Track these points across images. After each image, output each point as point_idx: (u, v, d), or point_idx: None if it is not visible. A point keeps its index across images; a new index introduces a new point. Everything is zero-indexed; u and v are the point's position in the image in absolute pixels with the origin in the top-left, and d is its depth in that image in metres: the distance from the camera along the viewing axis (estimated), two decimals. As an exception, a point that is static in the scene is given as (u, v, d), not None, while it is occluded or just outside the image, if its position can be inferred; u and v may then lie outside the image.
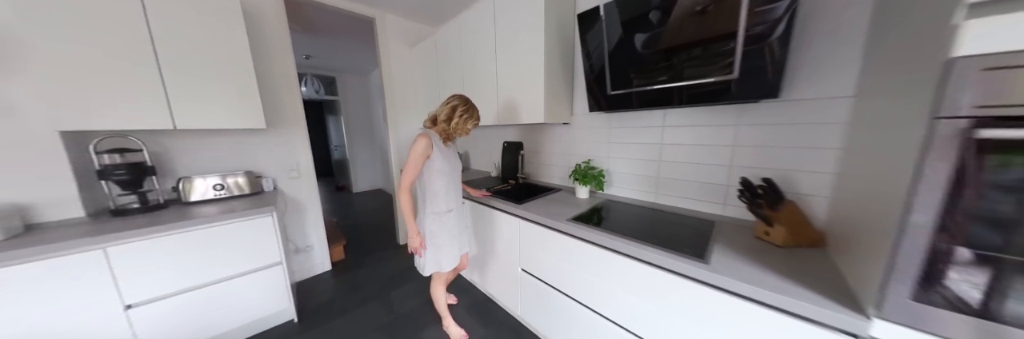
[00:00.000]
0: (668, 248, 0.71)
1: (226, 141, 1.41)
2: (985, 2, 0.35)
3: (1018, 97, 0.34)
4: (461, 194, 1.14)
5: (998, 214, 0.37)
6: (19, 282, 0.80)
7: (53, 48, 0.90)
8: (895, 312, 0.44)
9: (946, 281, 0.40)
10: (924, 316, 0.42)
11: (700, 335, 0.66)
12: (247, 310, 1.18)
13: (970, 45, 0.36)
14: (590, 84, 1.13)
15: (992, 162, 0.36)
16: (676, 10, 0.81)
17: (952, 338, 0.40)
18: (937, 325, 0.41)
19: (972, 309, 0.39)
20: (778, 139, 0.82)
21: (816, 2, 0.72)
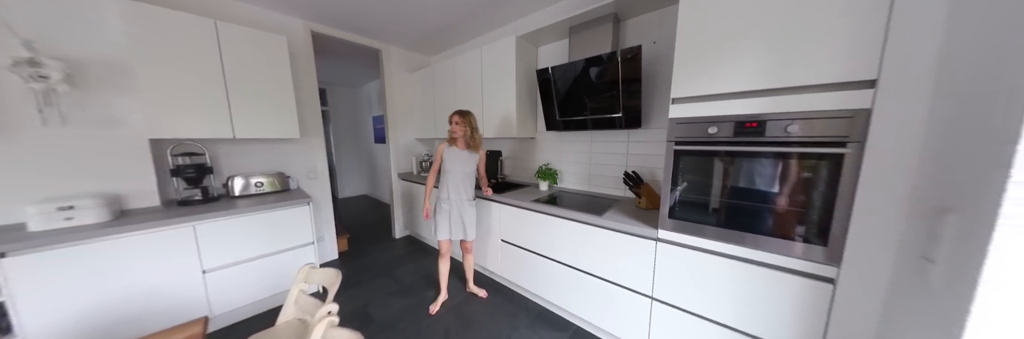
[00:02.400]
0: (587, 212, 1.23)
1: (263, 148, 1.75)
2: (679, 98, 0.93)
3: (688, 135, 0.91)
4: (463, 190, 1.41)
5: (690, 187, 0.94)
6: (130, 248, 1.11)
7: (151, 75, 1.24)
8: (664, 224, 0.99)
9: (676, 212, 0.96)
10: (673, 224, 0.97)
11: (603, 259, 1.18)
12: (286, 280, 1.50)
13: (674, 114, 0.93)
14: (546, 111, 1.69)
15: (681, 161, 0.93)
16: (586, 78, 1.39)
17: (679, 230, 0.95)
18: (677, 226, 0.96)
19: (687, 219, 0.95)
20: (646, 149, 1.42)
21: (652, 82, 1.33)
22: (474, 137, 1.38)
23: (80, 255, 1.01)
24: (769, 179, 0.81)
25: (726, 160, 0.87)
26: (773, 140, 0.78)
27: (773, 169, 0.80)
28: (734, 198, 0.87)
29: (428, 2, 1.65)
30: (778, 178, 0.80)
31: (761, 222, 0.82)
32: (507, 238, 1.60)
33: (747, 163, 0.83)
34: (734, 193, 0.87)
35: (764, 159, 0.80)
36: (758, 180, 0.82)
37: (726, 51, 0.83)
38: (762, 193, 0.82)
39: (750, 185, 0.84)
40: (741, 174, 0.85)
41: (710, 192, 0.91)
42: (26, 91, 1.07)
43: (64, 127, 1.15)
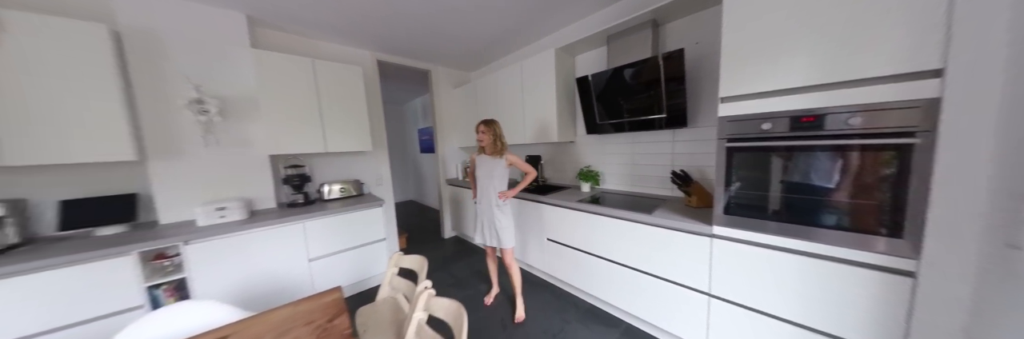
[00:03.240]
0: (635, 211, 1.28)
1: (343, 159, 2.10)
2: (729, 97, 0.97)
3: (740, 132, 0.95)
4: (492, 196, 1.45)
5: (746, 183, 0.96)
6: (260, 240, 1.42)
7: (271, 105, 1.59)
8: (719, 221, 1.00)
9: (731, 209, 0.98)
10: (729, 221, 0.98)
11: (654, 256, 1.21)
12: (368, 269, 1.78)
13: (724, 112, 0.97)
14: (585, 117, 1.78)
15: (735, 158, 0.96)
16: (627, 83, 1.46)
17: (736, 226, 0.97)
18: (733, 222, 0.98)
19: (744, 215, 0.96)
20: (693, 148, 1.43)
21: (696, 82, 1.36)
22: (497, 144, 1.43)
23: (230, 244, 1.34)
24: (833, 172, 0.80)
25: (785, 155, 0.87)
26: (834, 133, 0.78)
27: (837, 162, 0.80)
28: (796, 193, 0.87)
29: (472, 25, 1.86)
30: (843, 171, 0.79)
31: (828, 216, 0.81)
32: (553, 237, 1.69)
33: (808, 157, 0.83)
34: (796, 188, 0.87)
35: (826, 152, 0.81)
36: (821, 174, 0.82)
37: (776, 48, 0.85)
38: (826, 187, 0.81)
39: (813, 179, 0.83)
40: (802, 168, 0.85)
41: (769, 188, 0.92)
42: (194, 123, 1.46)
43: (218, 148, 1.54)
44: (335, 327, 0.68)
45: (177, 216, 1.44)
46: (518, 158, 1.48)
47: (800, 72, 0.82)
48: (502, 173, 1.46)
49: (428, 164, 4.25)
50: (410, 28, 1.86)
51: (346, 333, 0.66)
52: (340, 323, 0.70)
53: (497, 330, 1.39)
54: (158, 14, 1.38)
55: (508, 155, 1.45)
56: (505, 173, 1.47)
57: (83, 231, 1.28)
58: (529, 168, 1.47)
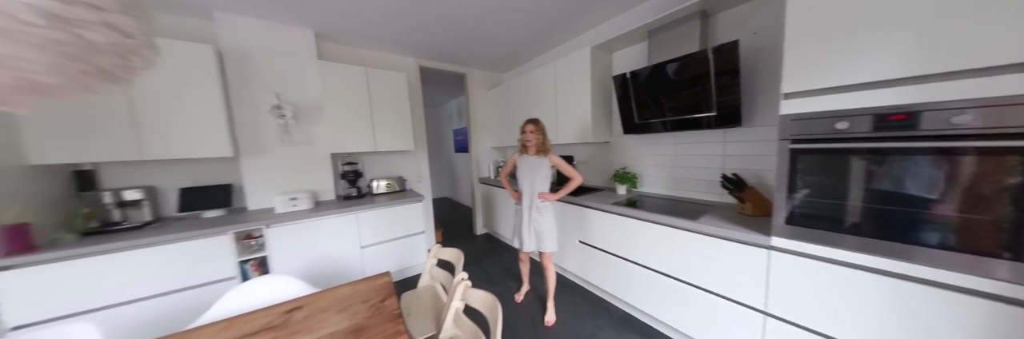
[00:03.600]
0: (677, 216, 1.21)
1: (388, 157, 2.29)
2: (794, 92, 0.87)
3: (808, 132, 0.85)
4: (527, 196, 1.43)
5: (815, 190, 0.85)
6: (326, 227, 1.61)
7: (332, 109, 1.81)
8: (780, 231, 0.90)
9: (796, 218, 0.87)
10: (792, 232, 0.88)
11: (699, 266, 1.13)
12: (408, 258, 1.93)
13: (788, 110, 0.88)
14: (622, 116, 1.72)
15: (801, 161, 0.86)
16: (670, 79, 1.38)
17: (801, 238, 0.86)
18: (798, 234, 0.87)
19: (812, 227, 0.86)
20: (749, 150, 1.29)
21: (753, 77, 1.23)
22: (544, 143, 1.40)
23: (300, 229, 1.55)
24: (935, 180, 0.68)
25: (870, 159, 0.76)
26: (933, 134, 0.66)
27: (940, 168, 0.67)
28: (884, 203, 0.75)
29: (507, 28, 1.89)
30: (949, 179, 0.66)
31: (928, 232, 0.69)
32: (586, 240, 1.66)
33: (902, 162, 0.71)
34: (884, 197, 0.74)
35: (926, 157, 0.68)
36: (919, 182, 0.70)
37: (855, 33, 0.75)
38: (925, 197, 0.69)
39: (907, 188, 0.71)
40: (894, 175, 0.73)
41: (846, 196, 0.80)
42: (274, 125, 1.72)
43: (291, 147, 1.79)
44: (386, 307, 0.76)
45: (260, 204, 1.71)
46: (562, 160, 1.42)
47: (887, 62, 0.71)
48: (546, 174, 1.42)
49: (462, 163, 4.43)
50: (450, 35, 1.96)
51: (395, 313, 0.73)
52: (390, 304, 0.78)
53: (527, 329, 1.41)
54: (249, 34, 1.65)
55: (552, 156, 1.40)
56: (549, 174, 1.43)
57: (194, 213, 1.58)
58: (574, 173, 1.40)
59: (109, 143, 1.28)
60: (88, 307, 1.10)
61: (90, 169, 1.40)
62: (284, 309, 0.76)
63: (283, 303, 0.80)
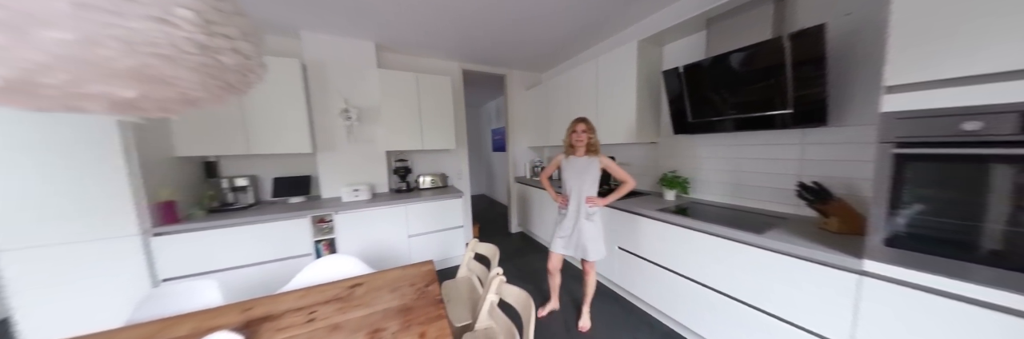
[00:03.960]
0: (739, 228, 1.06)
1: (432, 155, 2.47)
2: (901, 85, 0.71)
3: (920, 134, 0.68)
4: (575, 201, 1.33)
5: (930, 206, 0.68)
6: (381, 217, 1.81)
7: (388, 111, 2.01)
8: (875, 254, 0.74)
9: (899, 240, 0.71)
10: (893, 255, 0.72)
11: (765, 287, 0.99)
12: (448, 250, 2.07)
13: (892, 106, 0.71)
14: (673, 115, 1.57)
15: (908, 169, 0.69)
16: (734, 72, 1.22)
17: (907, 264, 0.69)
18: (902, 259, 0.71)
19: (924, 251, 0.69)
20: (836, 153, 1.08)
21: (846, 66, 1.02)
22: (594, 143, 1.31)
23: (361, 216, 1.77)
24: None
25: (1016, 168, 0.58)
26: None
27: None
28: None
29: (549, 27, 1.86)
30: None
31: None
32: (626, 246, 1.57)
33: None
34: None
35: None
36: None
37: (991, 10, 0.58)
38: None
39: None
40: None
41: (975, 214, 0.63)
42: (342, 126, 1.98)
43: (355, 145, 2.04)
44: (430, 292, 0.84)
45: (331, 193, 1.99)
46: (613, 162, 1.33)
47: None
48: (595, 177, 1.33)
49: (499, 162, 4.53)
50: (492, 38, 2.02)
51: (437, 298, 0.80)
52: (433, 289, 0.85)
53: (560, 331, 1.39)
54: (325, 49, 1.92)
55: (602, 157, 1.32)
56: (598, 177, 1.34)
57: (283, 199, 1.91)
58: (627, 176, 1.31)
59: (227, 140, 1.62)
60: (210, 269, 1.42)
61: (214, 160, 1.79)
62: (348, 284, 0.89)
63: (347, 279, 0.93)
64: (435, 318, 0.71)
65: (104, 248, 1.23)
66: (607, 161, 1.33)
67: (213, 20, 0.51)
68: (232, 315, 0.75)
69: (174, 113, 0.57)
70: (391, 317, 0.72)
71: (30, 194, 1.12)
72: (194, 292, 0.91)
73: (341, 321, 0.71)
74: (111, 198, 1.23)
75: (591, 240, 1.32)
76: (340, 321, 0.71)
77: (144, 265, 1.30)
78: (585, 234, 1.32)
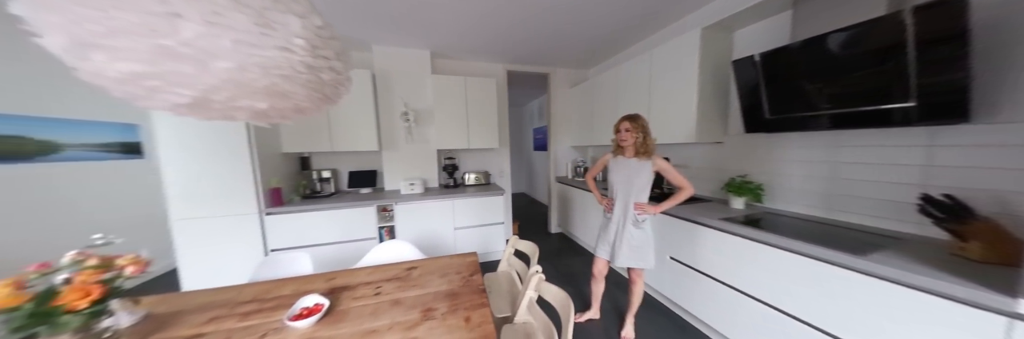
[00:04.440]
0: (828, 246, 0.88)
1: (476, 153, 2.61)
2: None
3: None
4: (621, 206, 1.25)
5: None
6: (431, 209, 1.99)
7: (440, 113, 2.19)
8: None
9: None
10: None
11: (862, 321, 0.82)
12: (488, 245, 2.17)
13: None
14: (744, 111, 1.37)
15: None
16: (831, 57, 1.00)
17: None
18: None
19: None
20: (980, 159, 0.82)
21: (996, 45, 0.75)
22: (646, 143, 1.19)
23: (415, 208, 1.97)
24: None
25: None
26: None
27: None
28: None
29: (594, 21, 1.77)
30: None
31: None
32: (680, 257, 1.44)
33: None
34: None
35: None
36: None
37: None
38: None
39: None
40: None
41: None
42: (401, 127, 2.22)
43: (412, 144, 2.28)
44: (473, 281, 0.90)
45: (392, 186, 2.26)
46: (670, 165, 1.21)
47: None
48: (647, 181, 1.22)
49: (540, 161, 4.53)
50: (537, 38, 2.02)
51: (480, 288, 0.86)
52: (476, 279, 0.91)
53: (598, 338, 1.36)
54: (391, 59, 2.17)
55: (657, 159, 1.20)
56: (650, 181, 1.22)
57: (355, 189, 2.24)
58: (685, 181, 1.19)
59: (316, 139, 1.96)
60: (303, 244, 1.75)
61: (307, 156, 2.19)
62: (406, 266, 1.02)
63: (406, 262, 1.06)
64: (478, 305, 0.76)
65: (235, 222, 1.62)
66: (663, 164, 1.21)
67: (317, 45, 0.63)
68: (319, 283, 0.92)
69: (289, 119, 0.73)
70: (441, 299, 0.80)
71: (191, 181, 1.53)
72: (293, 261, 1.14)
73: (401, 297, 0.82)
74: (240, 184, 1.61)
75: (638, 248, 1.24)
76: (400, 297, 0.82)
77: (259, 237, 1.67)
78: (632, 241, 1.24)
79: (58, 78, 1.64)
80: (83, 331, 0.60)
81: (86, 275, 0.61)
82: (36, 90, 1.60)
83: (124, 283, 0.67)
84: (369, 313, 0.75)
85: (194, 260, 1.57)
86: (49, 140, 1.65)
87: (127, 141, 2.02)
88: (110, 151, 1.93)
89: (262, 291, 0.88)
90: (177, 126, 1.50)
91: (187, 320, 0.74)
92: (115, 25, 0.45)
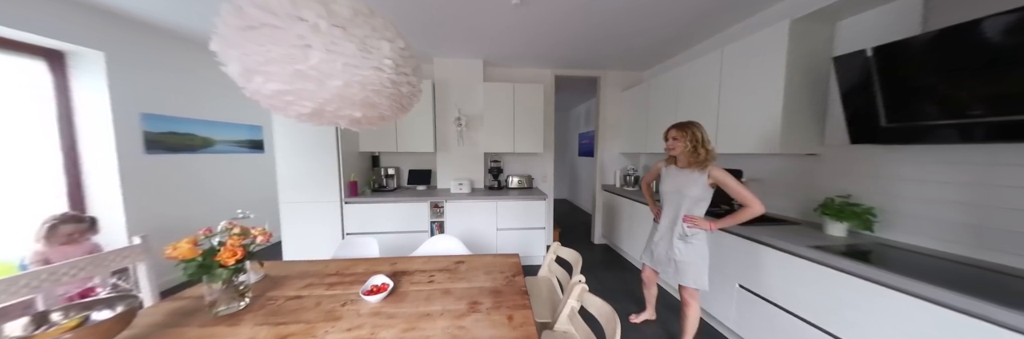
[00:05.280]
0: (978, 296, 0.68)
1: (520, 157, 2.66)
2: None
3: None
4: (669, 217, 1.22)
5: None
6: (477, 209, 2.10)
7: (489, 118, 2.29)
8: None
9: None
10: None
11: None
12: (528, 249, 2.19)
13: None
14: (850, 117, 1.13)
15: None
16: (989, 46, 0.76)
17: None
18: None
19: None
20: None
21: None
22: (697, 153, 1.10)
23: (463, 207, 2.10)
24: None
25: None
26: None
27: None
28: None
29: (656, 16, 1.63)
30: None
31: None
32: (752, 286, 1.24)
33: None
34: None
35: None
36: None
37: None
38: None
39: None
40: None
41: None
42: (454, 131, 2.40)
43: (462, 147, 2.44)
44: (516, 282, 0.93)
45: (444, 185, 2.46)
46: (732, 178, 1.08)
47: None
48: (700, 193, 1.12)
49: (584, 167, 4.38)
50: (589, 41, 1.98)
51: (522, 289, 0.88)
52: (519, 280, 0.94)
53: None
54: (448, 69, 2.38)
55: (714, 170, 1.10)
56: (705, 193, 1.13)
57: (413, 186, 2.49)
58: (751, 198, 1.04)
59: (386, 141, 2.26)
60: (371, 231, 2.02)
61: (377, 155, 2.52)
62: (456, 260, 1.10)
63: (454, 255, 1.15)
64: (521, 306, 0.78)
65: (322, 208, 1.97)
66: (720, 175, 1.09)
67: (400, 64, 0.74)
68: (385, 265, 1.06)
69: (375, 126, 0.86)
70: (485, 295, 0.85)
71: (294, 172, 1.93)
72: (365, 245, 1.33)
73: (451, 288, 0.89)
74: (328, 177, 1.96)
75: (686, 265, 1.17)
76: (450, 287, 0.89)
77: (339, 222, 2.00)
78: (677, 256, 1.19)
79: (212, 90, 2.20)
80: (228, 282, 0.80)
81: (233, 240, 0.82)
82: (200, 100, 2.17)
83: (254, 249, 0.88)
84: (424, 298, 0.83)
85: (293, 236, 1.97)
86: (208, 137, 2.23)
87: (254, 139, 2.60)
88: (243, 146, 2.51)
89: (342, 267, 1.05)
90: (288, 128, 1.91)
91: (290, 284, 0.93)
92: (270, 56, 0.61)
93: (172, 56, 1.93)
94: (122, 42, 1.67)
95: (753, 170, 1.67)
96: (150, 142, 1.81)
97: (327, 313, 0.76)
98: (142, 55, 1.78)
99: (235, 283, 0.82)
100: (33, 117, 1.49)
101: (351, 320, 0.72)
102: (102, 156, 1.64)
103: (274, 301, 0.83)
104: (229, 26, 0.61)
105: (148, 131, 1.80)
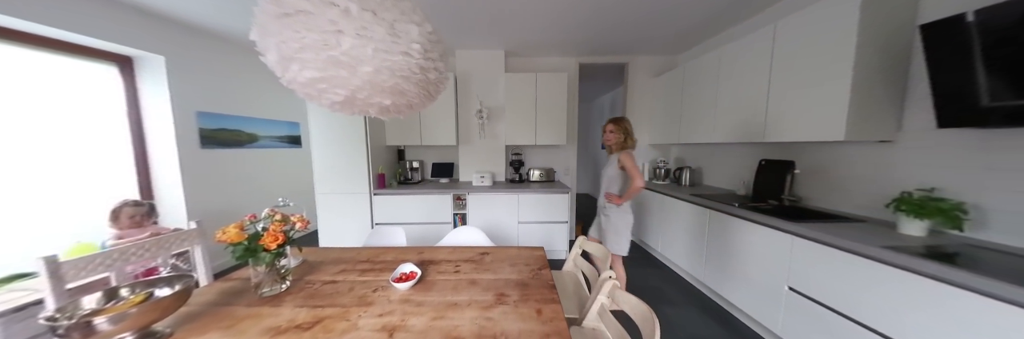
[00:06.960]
0: None
1: (543, 150, 2.62)
2: None
3: None
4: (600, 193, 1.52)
5: None
6: (498, 202, 2.09)
7: (511, 111, 2.26)
8: None
9: None
10: None
11: None
12: (550, 242, 2.16)
13: None
14: (939, 97, 0.95)
15: None
16: None
17: None
18: None
19: None
20: None
21: None
22: (626, 142, 1.42)
23: (485, 199, 2.11)
24: None
25: None
26: None
27: None
28: None
29: None
30: None
31: None
32: (802, 288, 1.12)
33: None
34: None
35: None
36: None
37: None
38: None
39: None
40: None
41: None
42: (475, 124, 2.38)
43: (483, 140, 2.43)
44: (542, 275, 0.90)
45: (465, 178, 2.48)
46: (632, 160, 1.36)
47: None
48: (611, 174, 1.44)
49: (610, 161, 4.21)
50: (616, 24, 1.86)
51: (550, 283, 0.85)
52: (545, 274, 0.91)
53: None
54: (471, 61, 2.35)
55: (622, 154, 1.38)
56: (615, 174, 1.43)
57: (436, 179, 2.54)
58: (634, 173, 1.34)
59: (410, 134, 2.30)
60: (398, 221, 2.09)
61: (403, 148, 2.58)
62: (480, 251, 1.10)
63: (478, 247, 1.14)
64: (549, 300, 0.76)
65: (353, 199, 2.07)
66: (625, 159, 1.36)
67: (428, 49, 0.72)
68: (412, 254, 1.08)
69: (404, 114, 0.85)
70: (512, 287, 0.83)
71: (328, 165, 2.03)
72: (392, 235, 1.37)
73: (477, 278, 0.88)
74: (358, 170, 2.04)
75: (605, 232, 1.47)
76: (476, 278, 0.88)
77: (368, 212, 2.09)
78: (602, 224, 1.50)
79: (255, 89, 2.35)
80: (271, 265, 0.85)
81: (275, 226, 0.86)
82: (246, 98, 2.33)
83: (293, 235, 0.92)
84: (451, 287, 0.83)
85: (327, 224, 2.10)
86: (253, 133, 2.40)
87: (292, 134, 2.77)
88: (283, 141, 2.68)
89: (373, 254, 1.08)
90: (322, 123, 2.01)
91: (326, 269, 0.97)
92: (305, 42, 0.61)
93: (220, 58, 2.08)
94: (178, 46, 1.82)
95: (807, 161, 1.49)
96: (205, 138, 1.98)
97: (360, 298, 0.78)
98: (195, 58, 1.93)
99: (277, 267, 0.86)
100: (109, 116, 1.67)
101: (382, 306, 0.74)
102: (165, 150, 1.82)
103: (312, 285, 0.87)
104: (267, 14, 0.61)
105: (203, 128, 1.97)
